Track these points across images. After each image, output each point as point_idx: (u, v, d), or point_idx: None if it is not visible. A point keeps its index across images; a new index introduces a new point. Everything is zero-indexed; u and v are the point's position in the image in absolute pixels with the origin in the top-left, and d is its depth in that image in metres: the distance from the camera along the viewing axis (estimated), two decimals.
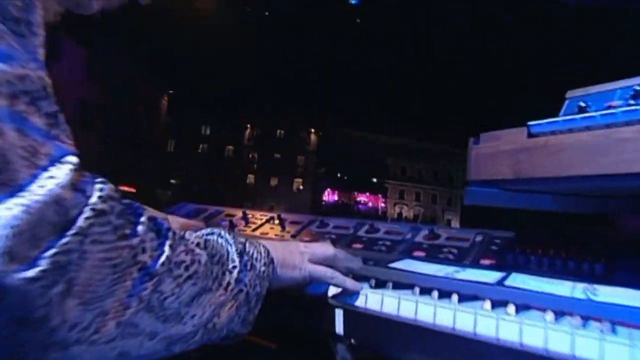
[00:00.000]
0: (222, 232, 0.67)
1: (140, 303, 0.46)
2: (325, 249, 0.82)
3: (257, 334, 1.09)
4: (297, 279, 0.75)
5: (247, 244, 0.68)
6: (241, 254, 0.65)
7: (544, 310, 0.68)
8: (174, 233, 0.54)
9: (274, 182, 49.27)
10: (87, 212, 0.42)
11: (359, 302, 0.75)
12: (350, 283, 0.78)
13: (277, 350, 1.02)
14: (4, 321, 0.37)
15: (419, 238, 1.13)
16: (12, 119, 0.38)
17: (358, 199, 45.34)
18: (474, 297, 0.77)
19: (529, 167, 0.76)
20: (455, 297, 0.71)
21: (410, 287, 0.82)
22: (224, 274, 0.60)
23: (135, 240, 0.47)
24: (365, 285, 0.81)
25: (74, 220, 0.40)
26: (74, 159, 0.43)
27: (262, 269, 0.67)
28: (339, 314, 0.75)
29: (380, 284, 0.80)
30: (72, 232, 0.40)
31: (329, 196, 44.29)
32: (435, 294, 0.72)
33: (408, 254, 1.07)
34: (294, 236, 1.33)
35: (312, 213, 1.61)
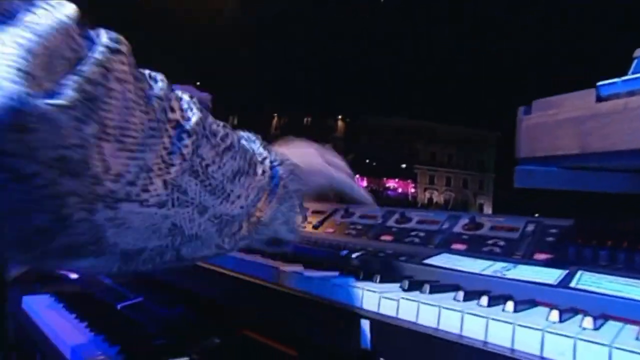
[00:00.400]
0: (245, 132, 0.63)
1: (183, 161, 0.42)
2: (337, 158, 0.82)
3: (276, 339, 0.98)
4: (322, 185, 0.74)
5: (269, 146, 0.64)
6: (268, 150, 0.61)
7: (628, 321, 0.52)
8: (197, 103, 0.47)
9: None
10: (102, 48, 0.36)
11: (389, 311, 0.62)
12: (370, 197, 0.83)
13: (297, 358, 0.90)
14: (43, 164, 0.30)
15: (457, 228, 0.98)
16: None
17: (387, 185, 44.87)
18: (532, 303, 0.63)
19: (600, 139, 0.60)
20: (510, 305, 0.56)
21: (451, 289, 0.68)
22: (258, 162, 0.56)
23: (161, 93, 0.41)
24: (395, 287, 0.67)
25: (89, 56, 0.34)
26: (77, 11, 0.35)
27: (291, 167, 0.63)
28: (365, 325, 0.61)
29: (414, 286, 0.66)
30: (92, 62, 0.34)
31: (358, 182, 44.00)
32: (485, 300, 0.58)
33: (446, 247, 0.92)
34: (316, 227, 1.21)
35: (340, 201, 1.50)
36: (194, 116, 0.44)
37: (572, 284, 0.64)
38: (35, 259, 0.38)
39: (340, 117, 48.10)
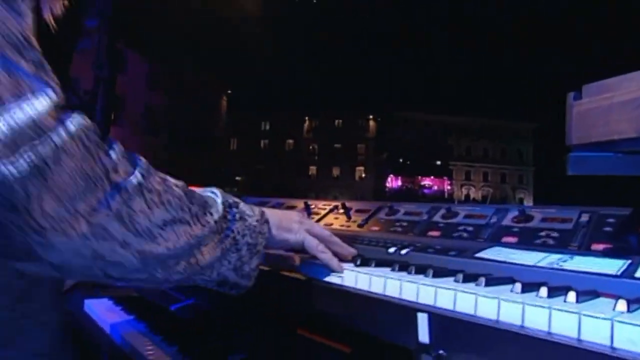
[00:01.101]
0: (215, 189, 0.75)
1: (109, 211, 0.55)
2: (321, 228, 0.90)
3: (329, 336, 1.00)
4: (290, 242, 0.84)
5: (241, 203, 0.76)
6: (230, 206, 0.73)
7: None
8: (149, 166, 0.63)
9: (335, 171, 49.32)
10: (62, 133, 0.52)
11: (446, 304, 0.62)
12: (335, 263, 0.83)
13: (350, 354, 0.91)
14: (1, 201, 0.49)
15: (507, 221, 0.97)
16: (3, 64, 0.50)
17: (422, 183, 44.25)
18: (594, 294, 0.61)
19: None
20: (572, 295, 0.55)
21: (507, 281, 0.67)
22: (204, 214, 0.67)
23: (107, 161, 0.56)
24: (449, 281, 0.67)
25: (50, 139, 0.51)
26: (54, 96, 0.53)
27: (254, 223, 0.75)
28: (422, 319, 0.61)
29: (469, 279, 0.66)
30: (48, 145, 0.50)
31: (393, 182, 43.57)
32: (544, 291, 0.57)
33: (496, 241, 0.91)
34: (361, 226, 1.21)
35: (376, 200, 1.50)
36: (135, 179, 0.59)
37: (638, 274, 0.62)
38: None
39: (371, 117, 47.84)
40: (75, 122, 0.54)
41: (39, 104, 0.51)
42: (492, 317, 0.56)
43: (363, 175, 47.86)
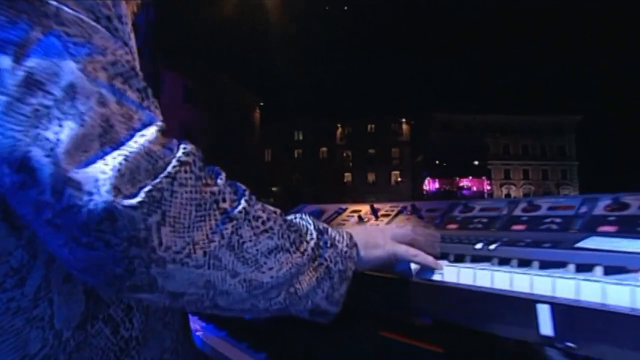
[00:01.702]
0: (304, 215, 0.75)
1: (222, 239, 0.55)
2: (403, 230, 0.88)
3: (421, 338, 0.98)
4: (382, 258, 0.82)
5: (330, 228, 0.76)
6: (320, 232, 0.73)
7: None
8: (251, 194, 0.63)
9: (371, 177, 49.06)
10: (173, 162, 0.52)
11: (567, 294, 0.60)
12: (432, 261, 0.82)
13: (443, 354, 0.90)
14: (121, 239, 0.48)
15: (598, 210, 0.93)
16: (113, 93, 0.51)
17: (461, 184, 43.35)
18: None
19: None
20: None
21: (624, 270, 0.64)
22: (301, 242, 0.67)
23: (215, 189, 0.57)
24: (560, 271, 0.65)
25: (163, 168, 0.51)
26: (160, 124, 0.54)
27: (345, 249, 0.74)
28: (543, 310, 0.60)
29: (583, 269, 0.64)
30: (162, 175, 0.51)
31: (430, 185, 42.92)
32: None
33: (591, 231, 0.88)
34: (437, 225, 1.20)
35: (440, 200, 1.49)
36: (241, 206, 0.59)
37: None
38: (114, 292, 0.56)
39: (404, 120, 47.41)
40: (183, 149, 0.54)
41: (150, 134, 0.52)
42: (626, 304, 0.54)
43: (399, 179, 47.36)
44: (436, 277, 0.79)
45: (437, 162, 42.73)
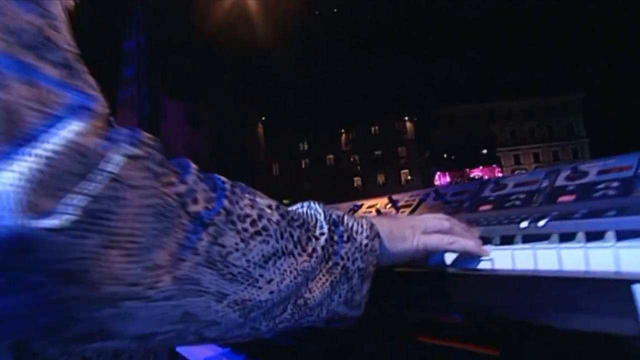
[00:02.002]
0: (312, 204, 0.62)
1: (196, 256, 0.41)
2: (434, 218, 0.74)
3: (468, 340, 0.84)
4: (409, 252, 0.68)
5: (345, 216, 0.62)
6: (335, 224, 0.59)
7: None
8: (233, 187, 0.49)
9: (380, 179, 48.82)
10: (117, 158, 0.37)
11: (600, 266, 0.45)
12: (474, 245, 0.68)
13: (498, 356, 0.75)
14: (44, 276, 0.34)
15: None
16: (18, 70, 0.35)
17: (472, 175, 42.93)
18: None
19: None
20: None
21: None
22: (308, 239, 0.54)
23: (182, 188, 0.42)
24: None
25: (102, 168, 0.36)
26: (97, 107, 0.39)
27: (365, 242, 0.61)
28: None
29: None
30: (103, 178, 0.36)
31: (441, 179, 42.50)
32: None
33: None
34: (468, 209, 1.05)
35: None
36: (220, 206, 0.44)
37: None
38: (56, 347, 0.42)
39: (406, 118, 47.19)
40: (131, 138, 0.40)
41: (77, 122, 0.36)
42: None
43: (409, 177, 47.03)
44: (483, 265, 0.65)
45: (445, 155, 42.39)
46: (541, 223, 0.77)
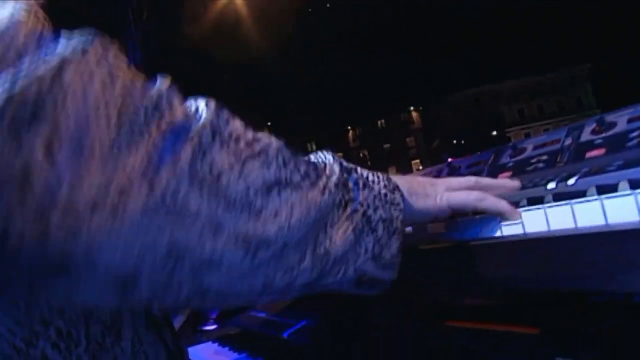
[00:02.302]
0: (321, 152, 0.55)
1: (177, 167, 0.33)
2: (459, 178, 0.67)
3: (513, 322, 0.76)
4: (432, 210, 0.60)
5: (358, 167, 0.55)
6: (347, 170, 0.52)
7: None
8: (222, 107, 0.40)
9: (392, 171, 48.39)
10: (62, 48, 0.31)
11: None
12: (505, 205, 0.59)
13: (539, 335, 0.66)
14: None
15: None
16: None
17: None
18: None
19: None
20: None
21: None
22: (318, 176, 0.46)
23: (154, 92, 0.35)
24: None
25: (38, 61, 0.29)
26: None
27: (383, 191, 0.54)
28: None
29: None
30: (40, 70, 0.29)
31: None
32: None
33: None
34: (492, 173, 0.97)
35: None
36: (203, 117, 0.38)
37: None
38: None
39: (412, 108, 46.88)
40: (86, 37, 0.33)
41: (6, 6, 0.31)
42: None
43: (420, 167, 46.70)
44: (512, 230, 0.57)
45: (454, 141, 42.01)
46: (571, 181, 0.69)
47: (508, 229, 0.57)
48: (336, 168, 0.49)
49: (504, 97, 45.43)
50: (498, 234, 0.58)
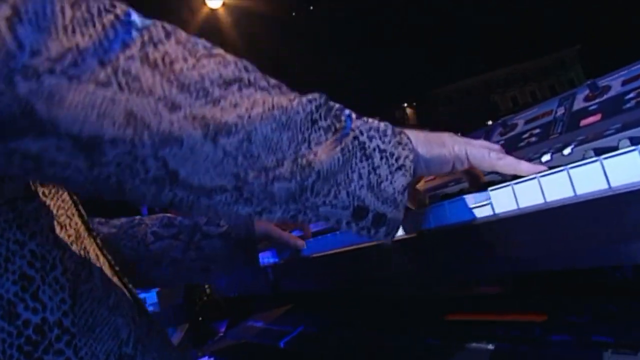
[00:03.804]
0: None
1: (127, 49, 0.36)
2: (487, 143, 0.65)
3: (521, 310, 0.70)
4: (448, 158, 0.58)
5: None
6: (340, 108, 0.50)
7: None
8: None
9: None
10: None
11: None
12: (526, 166, 0.55)
13: (548, 321, 0.61)
14: None
15: None
16: None
17: None
18: None
19: None
20: None
21: None
22: (291, 91, 0.46)
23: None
24: None
25: None
26: None
27: (382, 127, 0.53)
28: None
29: None
30: None
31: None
32: None
33: None
34: None
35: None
36: (156, 22, 0.40)
37: None
38: None
39: (405, 104, 46.82)
40: None
41: None
42: None
43: None
44: (504, 206, 0.51)
45: None
46: (567, 151, 0.63)
47: (500, 207, 0.51)
48: (321, 97, 0.48)
49: (495, 87, 45.48)
50: (490, 212, 0.52)
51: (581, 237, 0.42)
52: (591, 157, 0.45)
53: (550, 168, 0.53)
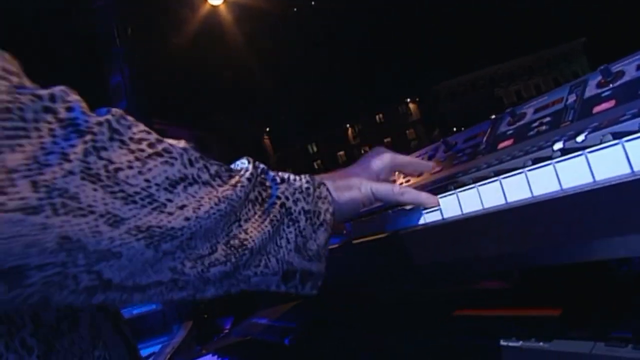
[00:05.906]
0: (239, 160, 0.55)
1: (67, 162, 0.34)
2: (380, 161, 0.73)
3: (536, 304, 0.67)
4: (358, 199, 0.64)
5: (280, 172, 0.57)
6: (264, 171, 0.53)
7: None
8: (124, 116, 0.40)
9: None
10: None
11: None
12: (426, 197, 0.64)
13: (562, 316, 0.59)
14: None
15: None
16: None
17: None
18: None
19: None
20: None
21: None
22: (230, 175, 0.47)
23: (44, 92, 0.35)
24: None
25: None
26: None
27: (305, 185, 0.56)
28: None
29: None
30: None
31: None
32: None
33: None
34: (487, 149, 0.89)
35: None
36: (101, 118, 0.38)
37: None
38: None
39: (409, 99, 46.68)
40: None
41: None
42: None
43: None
44: (516, 195, 0.48)
45: (454, 129, 41.88)
46: (580, 138, 0.60)
47: (513, 195, 0.49)
48: (250, 167, 0.50)
49: (499, 80, 45.24)
50: (502, 202, 0.50)
51: (598, 226, 0.40)
52: (609, 140, 0.43)
53: (564, 154, 0.51)
